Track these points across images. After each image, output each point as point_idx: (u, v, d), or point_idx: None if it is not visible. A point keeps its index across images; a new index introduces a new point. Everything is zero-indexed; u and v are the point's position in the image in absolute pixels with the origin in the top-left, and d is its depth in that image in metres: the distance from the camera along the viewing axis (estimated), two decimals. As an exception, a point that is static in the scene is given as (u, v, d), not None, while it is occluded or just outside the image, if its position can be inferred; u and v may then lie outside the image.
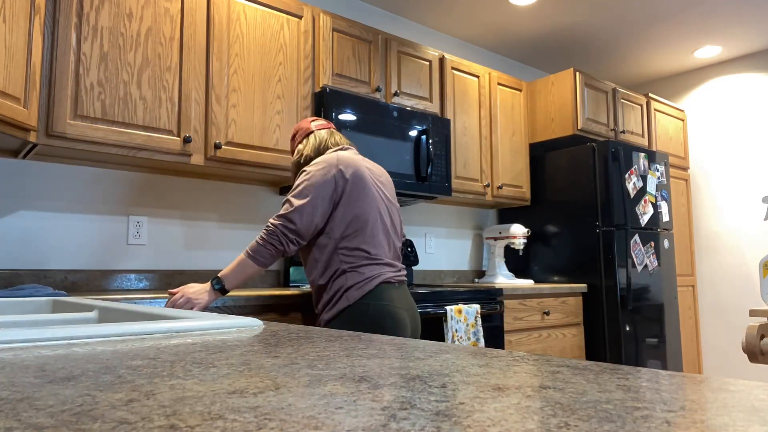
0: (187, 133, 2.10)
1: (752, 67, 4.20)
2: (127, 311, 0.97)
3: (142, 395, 0.35)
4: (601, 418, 0.29)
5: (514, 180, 3.42)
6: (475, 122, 3.23)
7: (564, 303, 3.06)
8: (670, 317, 3.46)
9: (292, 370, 0.44)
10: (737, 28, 3.72)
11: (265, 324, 0.80)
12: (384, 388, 0.37)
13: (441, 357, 0.51)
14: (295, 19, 2.49)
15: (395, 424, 0.28)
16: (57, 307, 1.40)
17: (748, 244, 4.13)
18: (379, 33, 2.81)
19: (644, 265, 3.31)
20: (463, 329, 2.38)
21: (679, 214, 4.14)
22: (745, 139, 4.22)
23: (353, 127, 2.49)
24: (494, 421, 0.29)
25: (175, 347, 0.57)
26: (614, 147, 3.23)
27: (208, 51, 2.21)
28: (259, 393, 0.36)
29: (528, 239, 3.56)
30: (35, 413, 0.30)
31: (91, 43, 1.92)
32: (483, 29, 3.67)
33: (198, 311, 1.30)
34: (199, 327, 0.72)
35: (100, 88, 1.93)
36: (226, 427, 0.28)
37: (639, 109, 3.96)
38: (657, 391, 0.37)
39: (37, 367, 0.45)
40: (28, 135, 1.76)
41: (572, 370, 0.45)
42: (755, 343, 1.39)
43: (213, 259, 2.49)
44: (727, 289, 4.20)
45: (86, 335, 0.62)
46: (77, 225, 2.16)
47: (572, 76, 3.47)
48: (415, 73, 2.94)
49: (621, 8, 3.41)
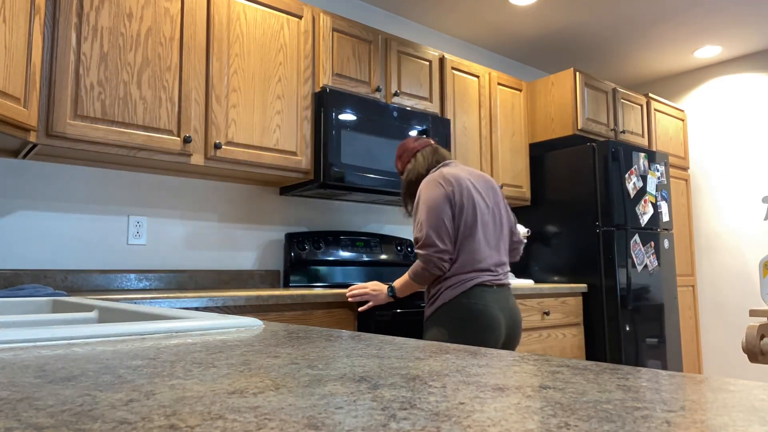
0: (187, 133, 2.10)
1: (752, 67, 4.20)
2: (127, 311, 0.97)
3: (142, 395, 0.35)
4: (601, 418, 0.29)
5: (514, 180, 3.42)
6: (475, 122, 3.23)
7: (564, 303, 3.06)
8: (670, 317, 3.46)
9: (292, 370, 0.44)
10: (737, 28, 3.72)
11: (265, 324, 0.80)
12: (384, 388, 0.37)
13: (441, 357, 0.51)
14: (295, 19, 2.49)
15: (395, 424, 0.28)
16: (57, 307, 1.40)
17: (748, 244, 4.13)
18: (379, 33, 2.81)
19: (644, 265, 3.31)
20: None
21: (679, 214, 4.14)
22: (745, 139, 4.22)
23: (353, 127, 2.49)
24: (494, 421, 0.29)
25: (175, 347, 0.57)
26: (614, 147, 3.23)
27: (208, 51, 2.21)
28: (259, 393, 0.36)
29: (528, 239, 3.56)
30: (35, 413, 0.30)
31: (91, 43, 1.92)
32: (483, 29, 3.67)
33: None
34: (199, 327, 0.72)
35: (100, 88, 1.93)
36: (226, 427, 0.28)
37: (639, 109, 3.96)
38: (657, 391, 0.37)
39: (37, 367, 0.45)
40: (28, 135, 1.76)
41: (572, 370, 0.45)
42: (755, 343, 1.39)
43: (213, 259, 2.49)
44: (727, 289, 4.20)
45: (86, 335, 0.62)
46: (77, 225, 2.16)
47: (572, 76, 3.47)
48: (415, 73, 2.94)
49: (621, 8, 3.41)
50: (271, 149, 2.34)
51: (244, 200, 2.61)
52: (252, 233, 2.63)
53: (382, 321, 2.20)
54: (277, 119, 2.37)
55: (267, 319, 1.93)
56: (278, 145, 2.36)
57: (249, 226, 2.62)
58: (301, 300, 2.02)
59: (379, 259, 2.92)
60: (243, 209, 2.61)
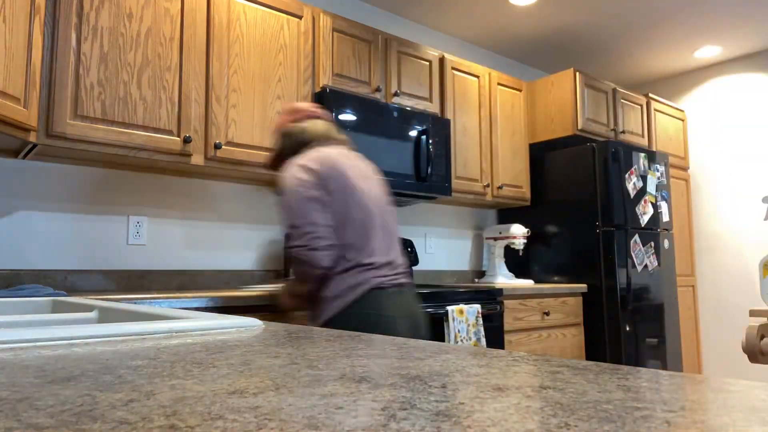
0: (187, 133, 2.10)
1: (752, 67, 4.20)
2: (127, 311, 0.97)
3: (142, 395, 0.35)
4: (601, 418, 0.29)
5: (514, 180, 3.42)
6: (475, 122, 3.23)
7: (564, 303, 3.06)
8: (670, 317, 3.45)
9: (292, 370, 0.44)
10: (737, 28, 3.72)
11: (264, 324, 0.80)
12: (384, 388, 0.37)
13: (441, 357, 0.51)
14: (295, 19, 2.49)
15: (395, 424, 0.28)
16: (57, 307, 1.40)
17: (748, 244, 4.13)
18: (379, 33, 2.81)
19: (644, 265, 3.31)
20: (465, 329, 2.38)
21: (679, 214, 4.14)
22: (745, 139, 4.22)
23: (353, 127, 2.49)
24: (494, 421, 0.29)
25: (175, 347, 0.57)
26: (614, 147, 3.23)
27: (208, 51, 2.21)
28: (259, 393, 0.36)
29: (528, 239, 3.56)
30: (35, 413, 0.30)
31: (91, 43, 1.92)
32: (483, 29, 3.67)
33: (200, 312, 1.30)
34: (199, 327, 0.72)
35: (100, 88, 1.93)
36: (226, 427, 0.28)
37: (639, 109, 3.96)
38: (657, 391, 0.37)
39: (37, 367, 0.45)
40: (28, 135, 1.76)
41: (572, 370, 0.45)
42: (755, 343, 1.39)
43: (213, 259, 2.49)
44: (727, 289, 4.20)
45: (86, 335, 0.62)
46: (77, 225, 2.16)
47: (572, 76, 3.47)
48: (415, 73, 2.94)
49: (621, 8, 3.41)
50: (271, 149, 2.34)
51: (244, 200, 2.61)
52: (252, 233, 2.63)
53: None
54: (277, 119, 2.37)
55: (266, 319, 1.93)
56: (278, 145, 2.36)
57: (249, 226, 2.62)
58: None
59: (379, 259, 2.91)
60: (243, 209, 2.61)
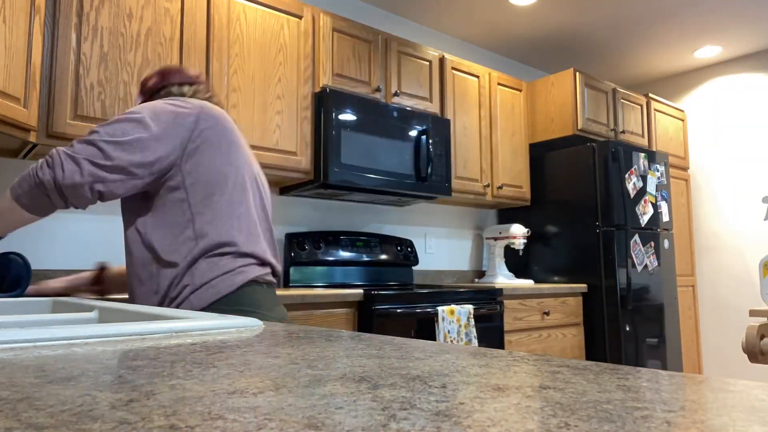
0: (187, 133, 2.10)
1: (752, 67, 4.20)
2: (127, 311, 0.97)
3: (142, 395, 0.35)
4: (601, 418, 0.29)
5: (514, 180, 3.42)
6: (475, 122, 3.23)
7: (564, 303, 3.06)
8: (670, 317, 3.46)
9: (292, 370, 0.44)
10: (737, 28, 3.72)
11: (265, 324, 0.80)
12: (384, 388, 0.37)
13: (441, 357, 0.51)
14: (295, 19, 2.49)
15: (395, 424, 0.28)
16: (57, 307, 1.40)
17: (748, 244, 4.13)
18: (379, 33, 2.81)
19: (644, 265, 3.31)
20: (456, 330, 2.33)
21: (679, 214, 4.14)
22: (745, 139, 4.22)
23: (353, 127, 2.49)
24: (494, 421, 0.29)
25: (175, 347, 0.57)
26: (614, 147, 3.23)
27: (208, 51, 2.21)
28: (259, 393, 0.36)
29: (528, 239, 3.56)
30: (35, 413, 0.30)
31: (91, 43, 1.92)
32: (483, 29, 3.67)
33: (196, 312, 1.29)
34: (199, 327, 0.72)
35: (100, 88, 1.93)
36: (226, 427, 0.28)
37: (639, 109, 3.96)
38: (657, 391, 0.37)
39: (37, 367, 0.45)
40: (28, 135, 1.76)
41: (572, 370, 0.45)
42: (755, 343, 1.39)
43: (213, 259, 2.49)
44: (727, 289, 4.20)
45: (86, 335, 0.62)
46: (77, 225, 2.16)
47: (572, 76, 3.47)
48: (415, 73, 2.94)
49: (621, 8, 3.41)
50: (271, 149, 2.34)
51: (244, 200, 2.61)
52: (252, 233, 2.62)
53: (382, 321, 2.20)
54: (277, 119, 2.37)
55: (267, 319, 1.93)
56: (278, 145, 2.36)
57: (249, 226, 2.62)
58: (300, 300, 2.02)
59: (379, 259, 2.92)
60: (243, 209, 2.61)
